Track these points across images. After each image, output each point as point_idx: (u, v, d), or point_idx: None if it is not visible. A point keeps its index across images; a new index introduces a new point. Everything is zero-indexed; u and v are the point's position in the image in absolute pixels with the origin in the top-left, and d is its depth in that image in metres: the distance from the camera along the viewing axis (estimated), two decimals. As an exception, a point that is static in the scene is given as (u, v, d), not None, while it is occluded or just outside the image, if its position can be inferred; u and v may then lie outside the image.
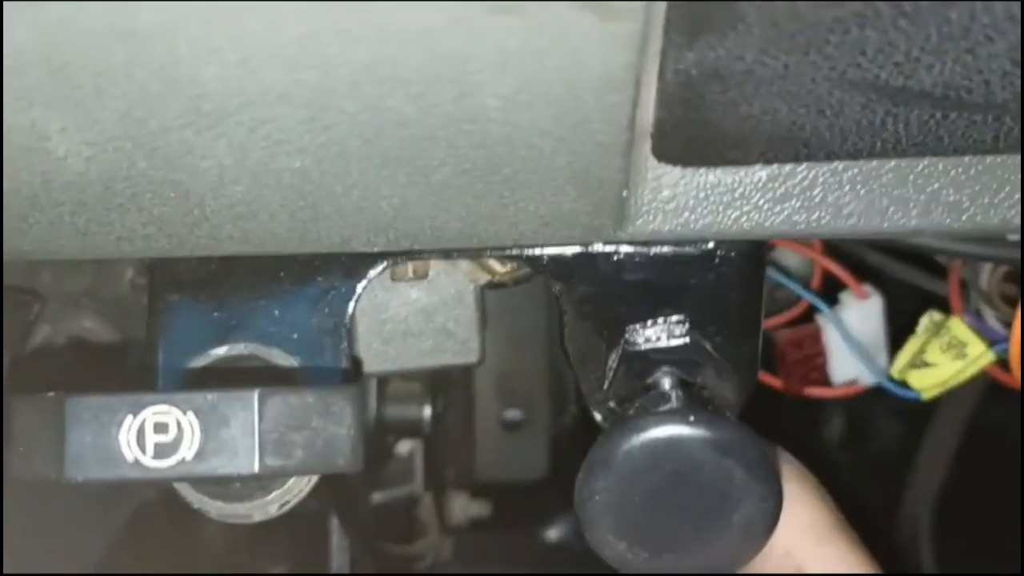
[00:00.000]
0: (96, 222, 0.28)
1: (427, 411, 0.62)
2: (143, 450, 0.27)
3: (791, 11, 0.20)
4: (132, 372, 0.51)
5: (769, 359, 0.55)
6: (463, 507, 0.72)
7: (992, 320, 0.49)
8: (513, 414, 0.74)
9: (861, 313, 0.52)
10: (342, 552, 0.63)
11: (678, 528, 0.30)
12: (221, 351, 0.35)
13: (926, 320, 0.50)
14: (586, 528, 0.31)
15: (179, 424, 0.27)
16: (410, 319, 0.42)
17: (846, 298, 0.52)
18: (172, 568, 0.53)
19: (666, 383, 0.35)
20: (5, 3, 0.18)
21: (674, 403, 0.33)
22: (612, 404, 0.35)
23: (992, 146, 0.26)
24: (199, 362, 0.35)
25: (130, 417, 0.27)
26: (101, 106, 0.22)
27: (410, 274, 0.38)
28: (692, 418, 0.30)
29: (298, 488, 0.34)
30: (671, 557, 0.30)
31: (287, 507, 0.34)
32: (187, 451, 0.27)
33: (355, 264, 0.35)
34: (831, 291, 0.53)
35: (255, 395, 0.28)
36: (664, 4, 0.21)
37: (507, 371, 0.73)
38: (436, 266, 0.40)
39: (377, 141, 0.24)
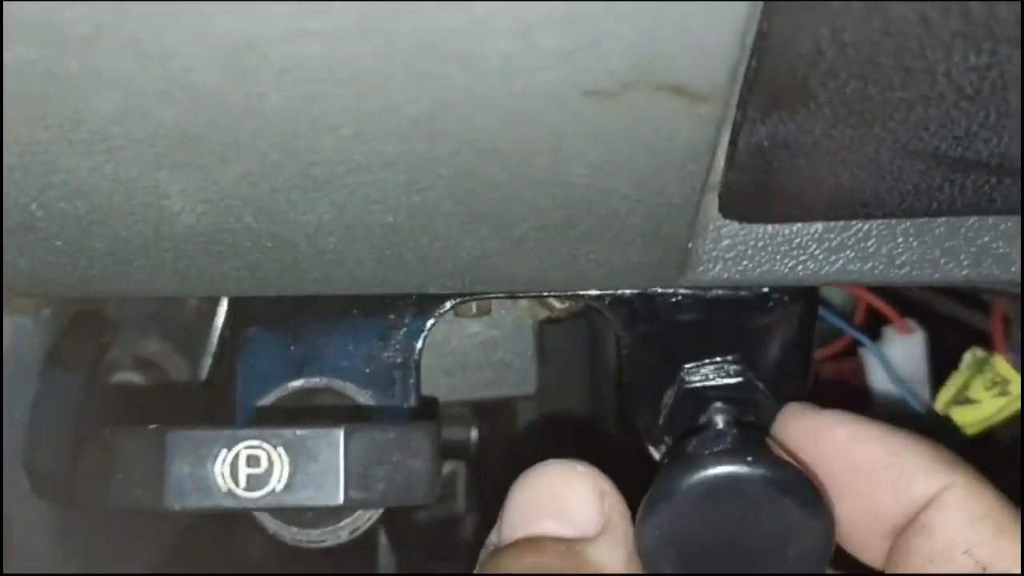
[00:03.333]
0: (194, 267, 0.30)
1: (474, 434, 0.64)
2: (236, 482, 0.29)
3: (860, 93, 0.22)
4: (198, 395, 0.53)
5: (811, 393, 0.56)
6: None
7: (1034, 357, 0.50)
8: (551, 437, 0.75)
9: (904, 348, 0.53)
10: (389, 569, 0.64)
11: (735, 560, 0.32)
12: (297, 383, 0.37)
13: (969, 356, 0.51)
14: (646, 559, 0.32)
15: (270, 457, 0.29)
16: (470, 352, 0.44)
17: (889, 333, 0.54)
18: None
19: (720, 421, 0.36)
20: (155, 86, 0.20)
21: (730, 442, 0.34)
22: (668, 440, 0.37)
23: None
24: (277, 393, 0.37)
25: (225, 450, 0.29)
26: (222, 171, 0.24)
27: (473, 311, 0.40)
28: (749, 458, 0.32)
29: (368, 515, 0.36)
30: None
31: (357, 533, 0.36)
32: (277, 483, 0.29)
33: (425, 302, 0.37)
34: (874, 325, 0.54)
35: (341, 432, 0.29)
36: (741, 85, 0.22)
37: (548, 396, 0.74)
38: (497, 303, 0.42)
39: (466, 201, 0.26)
